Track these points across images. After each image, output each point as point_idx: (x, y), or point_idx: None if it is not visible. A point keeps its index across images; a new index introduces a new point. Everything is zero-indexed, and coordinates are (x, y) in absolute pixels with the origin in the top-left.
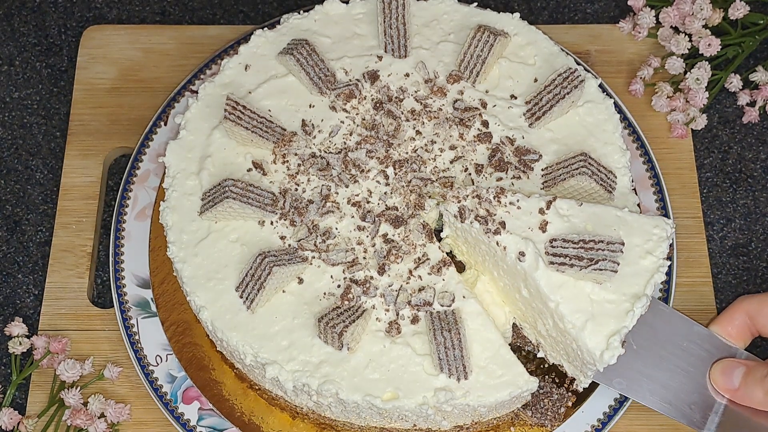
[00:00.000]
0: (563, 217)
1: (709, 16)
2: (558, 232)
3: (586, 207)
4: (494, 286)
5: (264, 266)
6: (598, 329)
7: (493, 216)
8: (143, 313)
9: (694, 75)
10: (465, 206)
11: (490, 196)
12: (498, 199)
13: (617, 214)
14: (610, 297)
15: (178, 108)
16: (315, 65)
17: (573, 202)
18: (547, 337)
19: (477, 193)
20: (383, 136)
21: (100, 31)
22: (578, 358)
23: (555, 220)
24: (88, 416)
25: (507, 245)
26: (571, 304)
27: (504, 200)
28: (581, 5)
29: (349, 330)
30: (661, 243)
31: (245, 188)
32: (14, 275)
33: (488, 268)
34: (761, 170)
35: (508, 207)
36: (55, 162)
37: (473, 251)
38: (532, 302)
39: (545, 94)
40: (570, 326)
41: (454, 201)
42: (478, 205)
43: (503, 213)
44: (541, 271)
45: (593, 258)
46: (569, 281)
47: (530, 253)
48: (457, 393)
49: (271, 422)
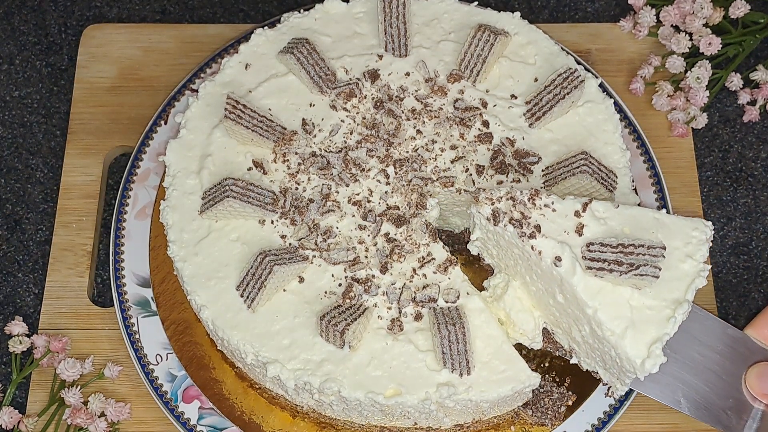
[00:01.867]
0: (599, 219)
1: (710, 15)
2: (595, 236)
3: (622, 209)
4: (525, 290)
5: (265, 265)
6: (639, 337)
7: (527, 219)
8: (143, 312)
9: (694, 74)
10: (499, 209)
11: (524, 198)
12: (533, 201)
13: (655, 216)
14: (650, 303)
15: (179, 107)
16: (315, 64)
17: (609, 204)
18: (582, 343)
19: (511, 195)
20: (384, 135)
21: (100, 29)
22: (616, 365)
23: (591, 223)
24: (88, 415)
25: (542, 249)
26: (610, 310)
27: (539, 202)
28: (582, 4)
29: (351, 328)
30: (701, 246)
31: (246, 187)
32: (14, 274)
33: (520, 272)
34: (762, 169)
35: (543, 210)
36: (55, 161)
37: (505, 255)
38: (568, 308)
39: (545, 94)
40: (609, 333)
41: (487, 203)
42: (512, 207)
43: (538, 216)
44: (579, 277)
45: (634, 263)
46: (607, 287)
47: (567, 257)
48: (460, 388)
49: (272, 421)
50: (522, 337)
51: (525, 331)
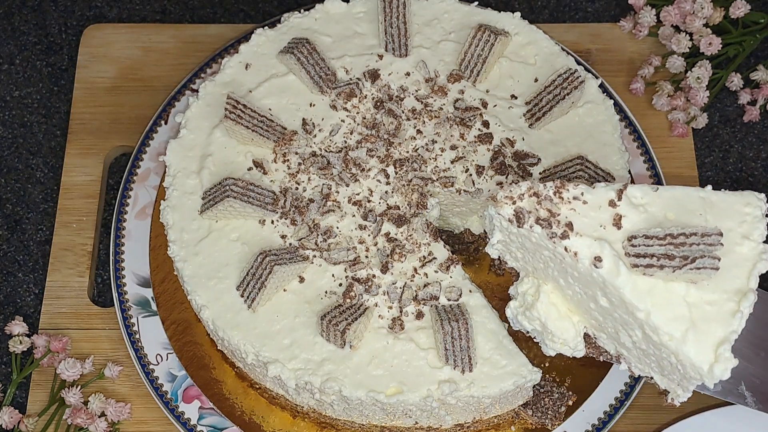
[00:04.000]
0: (638, 207)
1: (710, 15)
2: (636, 227)
3: (662, 191)
4: (560, 294)
5: (265, 265)
6: (703, 338)
7: (556, 216)
8: (144, 312)
9: (694, 74)
10: (522, 208)
11: (549, 192)
12: (559, 194)
13: (700, 195)
14: (709, 297)
15: (179, 107)
16: (315, 64)
17: (646, 186)
18: (633, 348)
19: (534, 191)
20: (384, 135)
21: (100, 29)
22: (677, 372)
23: (629, 212)
24: (88, 415)
25: (578, 250)
26: (665, 311)
27: (566, 195)
28: (582, 4)
29: (352, 328)
30: (758, 224)
31: (246, 187)
32: (15, 274)
33: (552, 275)
34: (762, 169)
35: (573, 203)
36: (55, 161)
37: (532, 257)
38: (613, 312)
39: (545, 94)
40: (667, 338)
41: (507, 202)
42: (537, 205)
43: (568, 211)
44: (624, 277)
45: (688, 255)
46: (658, 284)
47: (607, 256)
48: (462, 384)
49: (272, 421)
50: (562, 347)
51: (565, 341)
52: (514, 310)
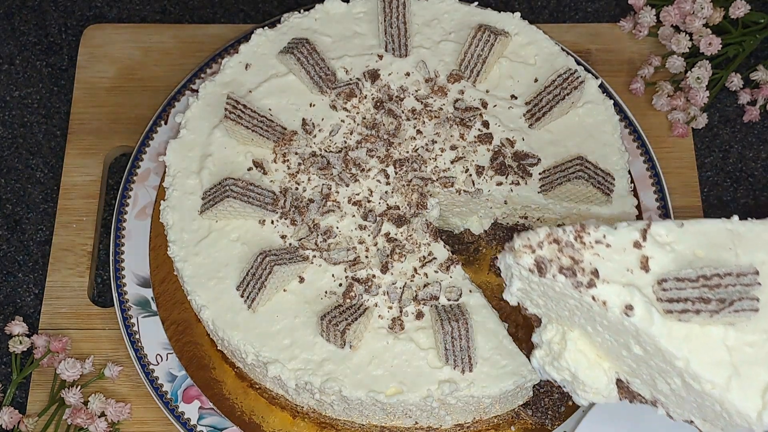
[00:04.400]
0: (665, 246)
1: (710, 15)
2: (665, 269)
3: (688, 226)
4: (587, 341)
5: (265, 265)
6: (747, 384)
7: (580, 264)
8: (144, 312)
9: (694, 74)
10: (543, 257)
11: (569, 237)
12: (580, 239)
13: (727, 227)
14: (749, 338)
15: (179, 107)
16: (315, 64)
17: (671, 223)
18: (671, 395)
19: (554, 237)
20: (384, 135)
21: (100, 30)
22: (721, 419)
23: (656, 252)
24: (88, 415)
25: (607, 299)
26: (704, 357)
27: (588, 239)
28: (582, 4)
29: (352, 328)
30: None
31: (246, 187)
32: (15, 274)
33: (579, 323)
34: (762, 169)
35: (596, 247)
36: (55, 161)
37: (556, 305)
38: (649, 360)
39: (545, 95)
40: (709, 387)
41: (526, 251)
42: (558, 252)
43: (591, 257)
44: (658, 325)
45: (724, 298)
46: (695, 329)
47: (639, 303)
48: (462, 384)
49: (272, 421)
50: (595, 396)
51: (597, 390)
52: (540, 360)
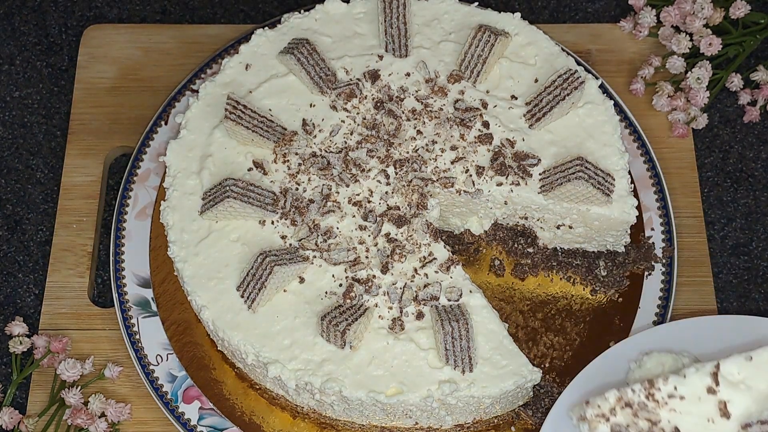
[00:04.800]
0: (739, 385)
1: (710, 16)
2: (746, 410)
3: (757, 357)
4: None
5: (265, 266)
6: None
7: (659, 425)
8: (144, 313)
9: (695, 74)
10: (619, 425)
11: (641, 397)
12: (652, 397)
13: None
14: None
15: (179, 107)
16: (316, 64)
17: (739, 357)
18: None
19: (625, 401)
20: (384, 136)
21: (100, 30)
22: None
23: (733, 394)
24: (88, 416)
25: None
26: None
27: (660, 396)
28: (582, 5)
29: (352, 328)
30: None
31: (246, 188)
32: (15, 274)
33: None
34: (762, 169)
35: (670, 402)
36: (55, 161)
37: None
38: None
39: (545, 95)
40: None
41: (601, 421)
42: (633, 416)
43: (668, 414)
44: None
45: None
46: None
47: None
48: (462, 384)
49: (272, 422)
50: None
51: None
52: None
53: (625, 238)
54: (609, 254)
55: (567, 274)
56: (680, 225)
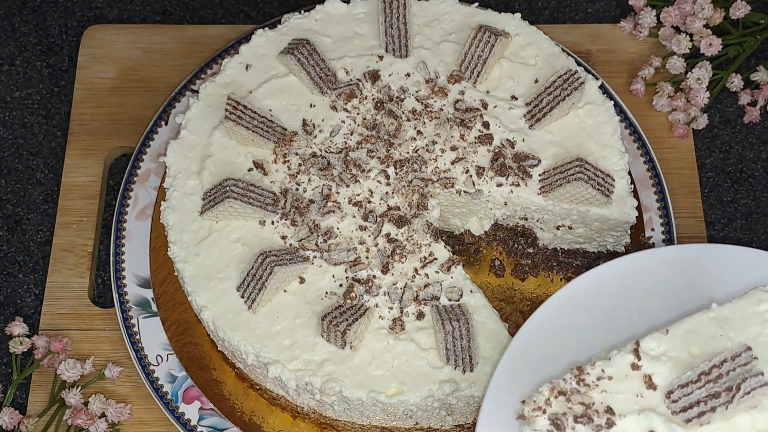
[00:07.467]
0: (660, 358)
1: (710, 16)
2: (668, 380)
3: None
4: None
5: (265, 266)
6: None
7: (592, 407)
8: (144, 313)
9: (695, 75)
10: (555, 413)
11: (572, 384)
12: (582, 381)
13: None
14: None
15: (179, 107)
16: (316, 65)
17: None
18: None
19: (558, 390)
20: (384, 136)
21: (100, 30)
22: None
23: (655, 367)
24: (88, 416)
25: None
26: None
27: (590, 379)
28: (582, 5)
29: (353, 328)
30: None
31: (246, 188)
32: (15, 275)
33: None
34: (762, 170)
35: (600, 383)
36: (55, 161)
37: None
38: None
39: (545, 95)
40: None
41: (538, 414)
42: (567, 403)
43: (600, 395)
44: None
45: (731, 386)
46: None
47: (659, 425)
48: (463, 384)
49: (272, 422)
50: None
51: None
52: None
53: (626, 239)
54: (609, 255)
55: (567, 275)
56: (680, 225)
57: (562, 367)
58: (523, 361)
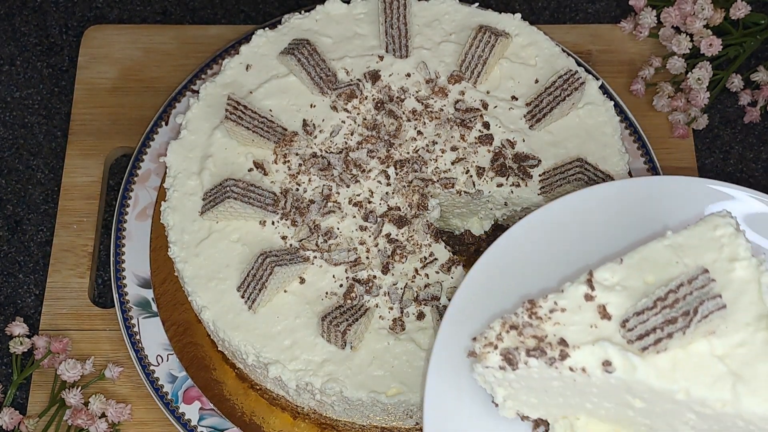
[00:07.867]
0: (614, 288)
1: (711, 16)
2: (623, 309)
3: (627, 259)
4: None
5: (265, 266)
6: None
7: (545, 339)
8: (144, 313)
9: (695, 75)
10: (507, 348)
11: (524, 317)
12: (535, 315)
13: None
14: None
15: (179, 108)
16: (316, 65)
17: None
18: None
19: (509, 324)
20: (384, 136)
21: (101, 30)
22: None
23: (609, 297)
24: (89, 416)
25: (585, 365)
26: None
27: (542, 312)
28: (582, 5)
29: (353, 329)
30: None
31: (246, 188)
32: (15, 275)
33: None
34: (762, 170)
35: (553, 316)
36: (56, 162)
37: (547, 396)
38: (654, 408)
39: (545, 96)
40: (720, 405)
41: (489, 350)
42: (518, 337)
43: (553, 328)
44: (642, 368)
45: (687, 310)
46: (678, 354)
47: (614, 354)
48: None
49: (272, 422)
50: None
51: None
52: None
53: None
54: None
55: None
56: None
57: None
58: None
